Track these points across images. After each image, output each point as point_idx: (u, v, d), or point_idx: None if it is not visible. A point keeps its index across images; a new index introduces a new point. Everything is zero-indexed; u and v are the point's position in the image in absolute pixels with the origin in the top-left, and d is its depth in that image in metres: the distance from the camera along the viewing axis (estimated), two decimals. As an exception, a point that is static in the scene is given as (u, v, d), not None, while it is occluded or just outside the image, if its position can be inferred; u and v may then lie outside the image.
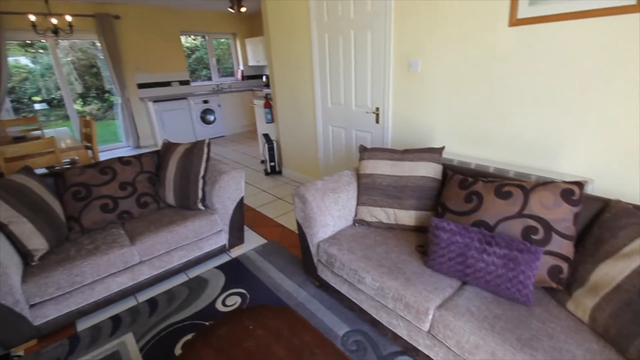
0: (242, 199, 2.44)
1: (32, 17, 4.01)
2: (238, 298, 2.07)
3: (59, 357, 1.72)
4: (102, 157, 4.58)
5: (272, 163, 4.26)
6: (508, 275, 1.30)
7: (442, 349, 1.37)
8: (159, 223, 2.17)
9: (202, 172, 2.32)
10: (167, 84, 6.39)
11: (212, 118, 6.62)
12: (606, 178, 1.72)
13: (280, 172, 4.34)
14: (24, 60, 5.89)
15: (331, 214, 1.93)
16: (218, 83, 7.22)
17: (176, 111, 6.10)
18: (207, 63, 7.25)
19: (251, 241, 2.75)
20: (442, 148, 1.94)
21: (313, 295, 2.07)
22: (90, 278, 1.85)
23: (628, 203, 1.34)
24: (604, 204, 1.42)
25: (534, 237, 1.35)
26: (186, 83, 6.63)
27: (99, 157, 3.83)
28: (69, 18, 4.37)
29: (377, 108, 2.74)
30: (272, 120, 4.29)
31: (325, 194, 1.92)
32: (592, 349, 1.12)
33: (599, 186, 1.74)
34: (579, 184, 1.38)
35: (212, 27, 6.80)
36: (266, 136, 4.25)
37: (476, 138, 2.18)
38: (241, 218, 2.50)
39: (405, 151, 1.97)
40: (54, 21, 4.24)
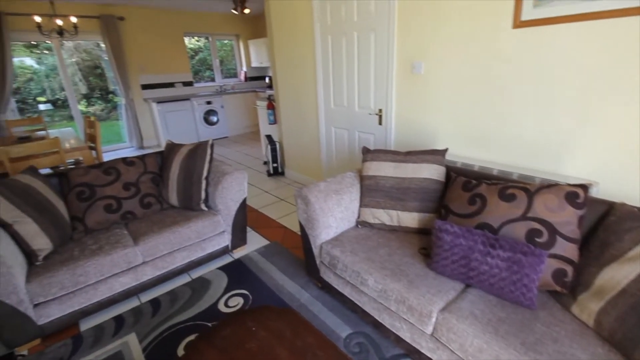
0: (245, 200, 2.44)
1: (38, 19, 4.04)
2: (240, 299, 2.07)
3: (62, 357, 1.73)
4: (106, 158, 4.62)
5: (275, 164, 4.27)
6: (512, 278, 1.29)
7: (446, 352, 1.36)
8: (162, 224, 2.17)
9: (205, 173, 2.33)
10: (171, 85, 6.42)
11: (215, 119, 6.64)
12: (611, 181, 1.71)
13: (282, 173, 4.35)
14: (29, 61, 5.93)
15: (334, 216, 1.93)
16: (221, 84, 7.25)
17: (179, 112, 6.13)
18: (211, 64, 7.28)
19: (254, 242, 2.75)
20: (446, 150, 1.93)
21: (315, 296, 2.06)
22: (93, 278, 1.86)
23: (633, 206, 1.33)
24: (609, 207, 1.41)
25: (538, 240, 1.35)
26: (189, 84, 6.66)
27: (103, 158, 3.85)
28: (74, 19, 4.40)
29: (380, 110, 2.74)
30: (275, 121, 4.30)
31: (328, 196, 1.92)
32: (597, 353, 1.11)
33: (604, 189, 1.73)
34: (584, 187, 1.37)
35: (216, 29, 6.83)
36: (269, 137, 4.26)
37: (479, 140, 2.18)
38: (244, 219, 2.50)
39: (408, 153, 1.97)
40: (59, 22, 4.27)
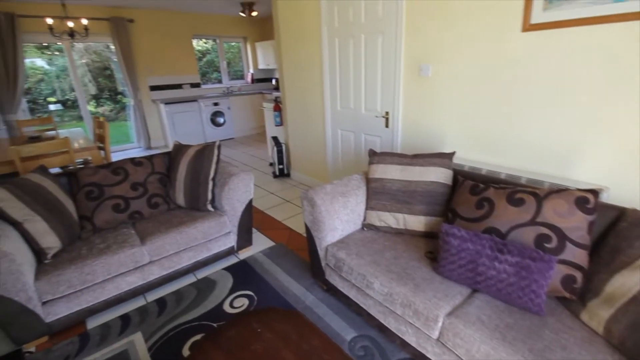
0: (251, 201, 2.45)
1: (50, 21, 4.11)
2: (245, 300, 2.08)
3: (70, 355, 1.74)
4: (114, 158, 4.67)
5: (281, 166, 4.28)
6: (520, 284, 1.28)
7: (452, 358, 1.34)
8: (169, 224, 2.19)
9: (212, 174, 2.34)
10: (179, 87, 6.47)
11: (222, 120, 6.68)
12: (622, 186, 1.69)
13: (288, 175, 4.36)
14: (40, 62, 6.04)
15: (340, 218, 1.93)
16: (228, 86, 7.30)
17: (187, 113, 6.18)
18: (218, 66, 7.34)
19: (259, 243, 2.75)
20: (453, 153, 1.92)
21: (320, 299, 2.06)
22: (101, 277, 1.88)
23: (645, 212, 1.32)
24: (620, 213, 1.39)
25: (547, 246, 1.33)
26: (197, 86, 6.71)
27: (112, 158, 3.90)
28: (85, 21, 4.47)
29: (387, 112, 2.73)
30: (281, 123, 4.31)
31: (334, 198, 1.91)
32: (607, 362, 1.10)
33: (615, 194, 1.71)
34: (594, 192, 1.35)
35: (224, 31, 6.88)
36: (275, 139, 4.27)
37: (487, 143, 2.16)
38: (250, 220, 2.51)
39: (415, 156, 1.96)
40: (71, 24, 4.34)
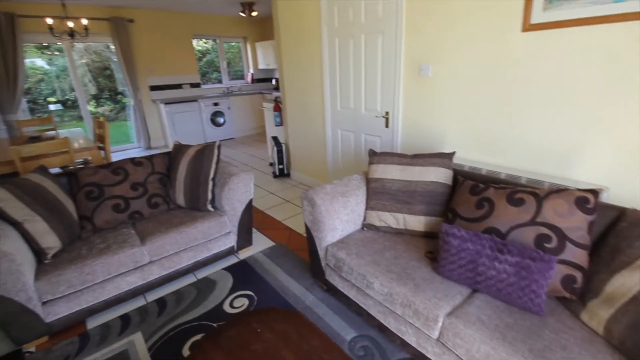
0: (251, 201, 2.45)
1: (50, 21, 4.10)
2: (245, 300, 2.08)
3: (70, 355, 1.74)
4: (114, 158, 4.67)
5: (281, 166, 4.28)
6: (520, 284, 1.28)
7: (452, 358, 1.34)
8: (169, 224, 2.19)
9: (212, 174, 2.34)
10: (179, 87, 6.47)
11: (222, 120, 6.68)
12: (622, 186, 1.69)
13: (288, 175, 4.36)
14: (40, 62, 6.04)
15: (340, 218, 1.93)
16: (228, 86, 7.30)
17: (187, 113, 6.18)
18: (218, 66, 7.34)
19: (259, 243, 2.75)
20: (453, 153, 1.92)
21: (320, 299, 2.06)
22: (101, 277, 1.88)
23: (645, 212, 1.32)
24: (620, 213, 1.39)
25: (547, 246, 1.33)
26: (197, 86, 6.71)
27: (112, 158, 3.90)
28: (85, 21, 4.47)
29: (387, 112, 2.73)
30: (281, 123, 4.31)
31: (334, 198, 1.91)
32: (607, 362, 1.10)
33: (615, 194, 1.71)
34: (594, 192, 1.35)
35: (224, 31, 6.88)
36: (275, 139, 4.27)
37: (487, 144, 2.16)
38: (249, 220, 2.51)
39: (415, 156, 1.96)
40: (71, 24, 4.33)
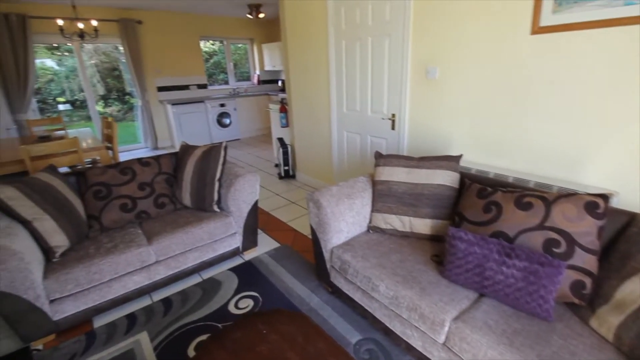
0: (257, 202, 2.46)
1: (60, 22, 4.16)
2: (250, 301, 2.08)
3: (76, 353, 1.76)
4: (122, 158, 4.72)
5: (286, 167, 4.29)
6: (528, 289, 1.26)
7: (458, 362, 1.33)
8: (175, 224, 2.20)
9: (219, 175, 2.36)
10: (186, 88, 6.52)
11: (228, 121, 6.72)
12: (632, 191, 1.66)
13: (294, 176, 4.36)
14: (50, 62, 6.13)
15: (345, 220, 1.92)
16: (235, 87, 7.34)
17: (193, 114, 6.22)
18: (225, 67, 7.39)
19: (264, 244, 2.76)
20: (460, 156, 1.91)
21: (325, 301, 2.06)
22: (108, 276, 1.89)
23: (657, 218, 1.30)
24: (630, 218, 1.37)
25: (556, 251, 1.32)
26: (204, 87, 6.76)
27: (119, 158, 3.93)
28: (95, 23, 4.52)
29: (394, 114, 2.73)
30: (287, 124, 4.32)
31: (340, 200, 1.91)
32: (618, 370, 1.08)
33: (625, 199, 1.68)
34: (604, 197, 1.34)
35: (231, 33, 6.93)
36: (281, 140, 4.28)
37: (495, 147, 2.15)
38: (255, 221, 2.51)
39: (421, 158, 1.95)
40: (81, 26, 4.39)
